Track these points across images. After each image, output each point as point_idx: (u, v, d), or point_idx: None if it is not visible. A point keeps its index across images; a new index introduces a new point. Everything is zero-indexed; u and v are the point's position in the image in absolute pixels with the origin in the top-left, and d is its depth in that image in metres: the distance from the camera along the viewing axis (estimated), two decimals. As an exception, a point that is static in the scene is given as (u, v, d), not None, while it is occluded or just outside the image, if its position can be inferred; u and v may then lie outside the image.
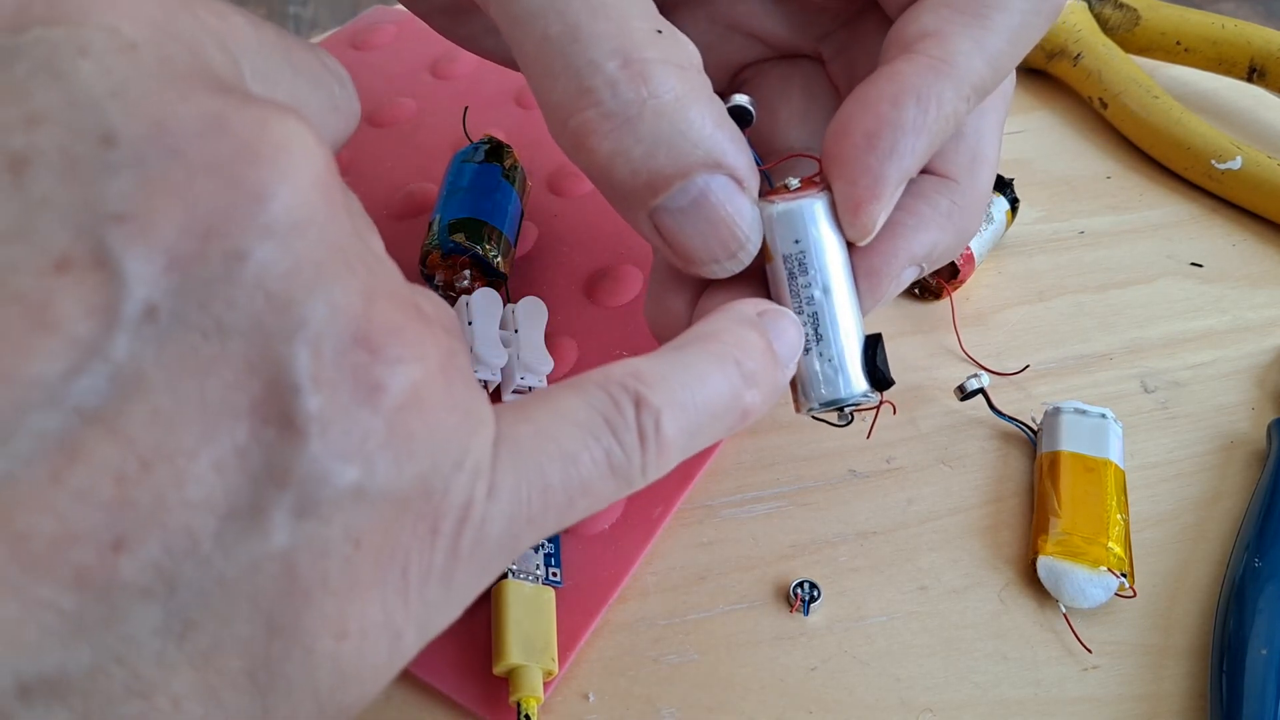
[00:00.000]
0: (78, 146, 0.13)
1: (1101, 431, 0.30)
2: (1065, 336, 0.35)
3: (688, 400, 0.19)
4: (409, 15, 0.47)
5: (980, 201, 0.26)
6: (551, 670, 0.25)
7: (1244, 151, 0.39)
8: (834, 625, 0.28)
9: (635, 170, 0.22)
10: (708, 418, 0.20)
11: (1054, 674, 0.27)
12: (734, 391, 0.20)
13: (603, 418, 0.18)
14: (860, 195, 0.23)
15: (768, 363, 0.21)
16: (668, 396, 0.19)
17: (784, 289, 0.24)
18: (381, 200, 0.38)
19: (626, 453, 0.18)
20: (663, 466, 0.19)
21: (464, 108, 0.40)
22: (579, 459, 0.18)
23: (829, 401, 0.24)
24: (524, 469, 0.17)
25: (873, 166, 0.23)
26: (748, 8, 0.28)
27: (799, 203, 0.24)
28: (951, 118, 0.23)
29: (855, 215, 0.23)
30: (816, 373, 0.24)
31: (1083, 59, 0.43)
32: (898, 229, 0.25)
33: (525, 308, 0.31)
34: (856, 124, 0.23)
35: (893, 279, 0.25)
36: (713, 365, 0.20)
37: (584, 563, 0.28)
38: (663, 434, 0.19)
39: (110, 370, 0.13)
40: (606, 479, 0.18)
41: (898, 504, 0.30)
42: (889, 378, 0.24)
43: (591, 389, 0.19)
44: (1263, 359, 0.35)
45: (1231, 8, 0.64)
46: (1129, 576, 0.28)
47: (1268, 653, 0.26)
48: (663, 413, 0.19)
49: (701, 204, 0.22)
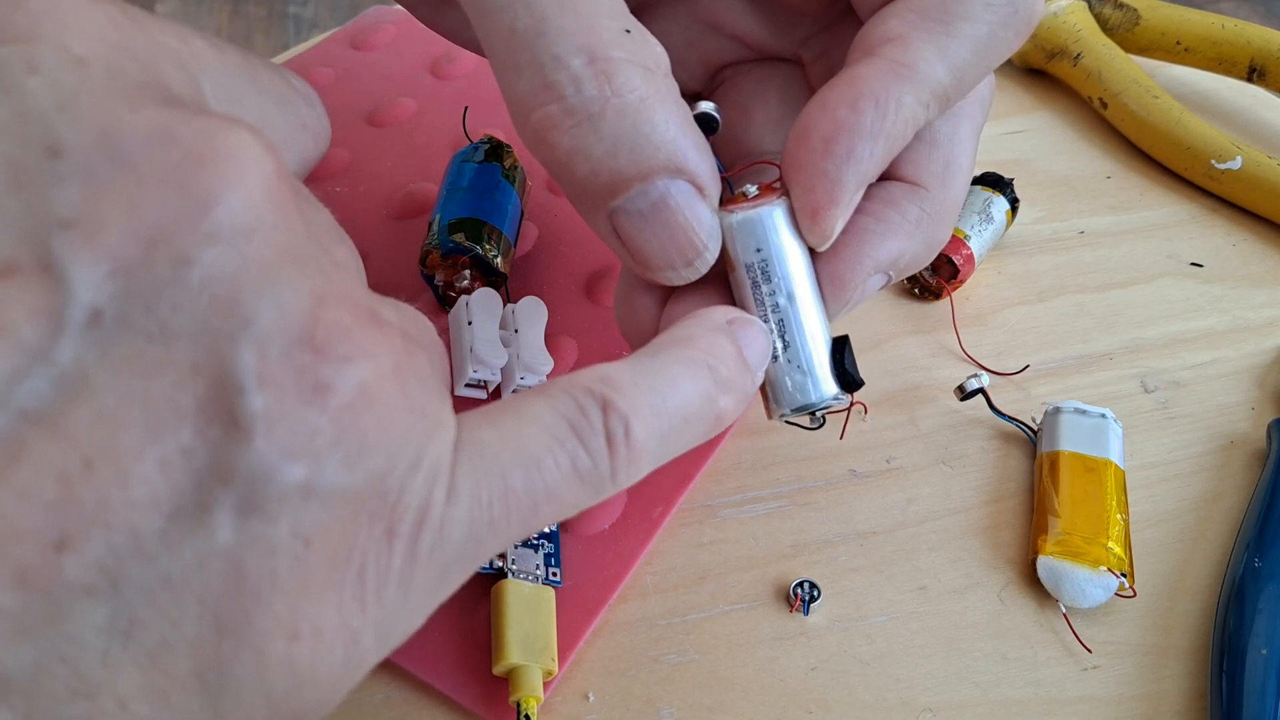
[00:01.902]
0: (25, 157, 0.14)
1: (1101, 431, 0.30)
2: (1065, 336, 0.35)
3: (659, 405, 0.19)
4: (409, 15, 0.47)
5: (952, 210, 0.26)
6: (551, 670, 0.25)
7: (1244, 151, 0.39)
8: (834, 625, 0.28)
9: (595, 169, 0.21)
10: (680, 422, 0.20)
11: (1054, 674, 0.27)
12: (707, 396, 0.20)
13: (569, 423, 0.18)
14: (818, 201, 0.23)
15: (739, 369, 0.21)
16: (638, 401, 0.19)
17: (748, 297, 0.24)
18: (381, 200, 0.38)
19: (593, 458, 0.18)
20: (634, 472, 0.19)
21: (464, 108, 0.40)
22: (543, 464, 0.18)
23: (800, 407, 0.24)
24: (485, 473, 0.17)
25: (829, 172, 0.22)
26: (728, 7, 0.27)
27: (757, 211, 0.23)
28: (910, 122, 0.23)
29: (814, 221, 0.23)
30: (786, 379, 0.24)
31: (1083, 59, 0.43)
32: (865, 236, 0.24)
33: (525, 308, 0.31)
34: (814, 128, 0.22)
35: (858, 286, 0.24)
36: (685, 370, 0.20)
37: (584, 563, 0.28)
38: (633, 439, 0.19)
39: (55, 373, 0.13)
40: (572, 484, 0.18)
41: (898, 504, 0.30)
42: (858, 379, 0.24)
43: (559, 394, 0.19)
44: (1263, 359, 0.35)
45: (1231, 8, 0.64)
46: (1129, 576, 0.28)
47: (1268, 653, 0.26)
48: (632, 417, 0.19)
49: (661, 209, 0.22)
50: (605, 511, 0.29)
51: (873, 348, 0.35)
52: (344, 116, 0.42)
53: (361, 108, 0.42)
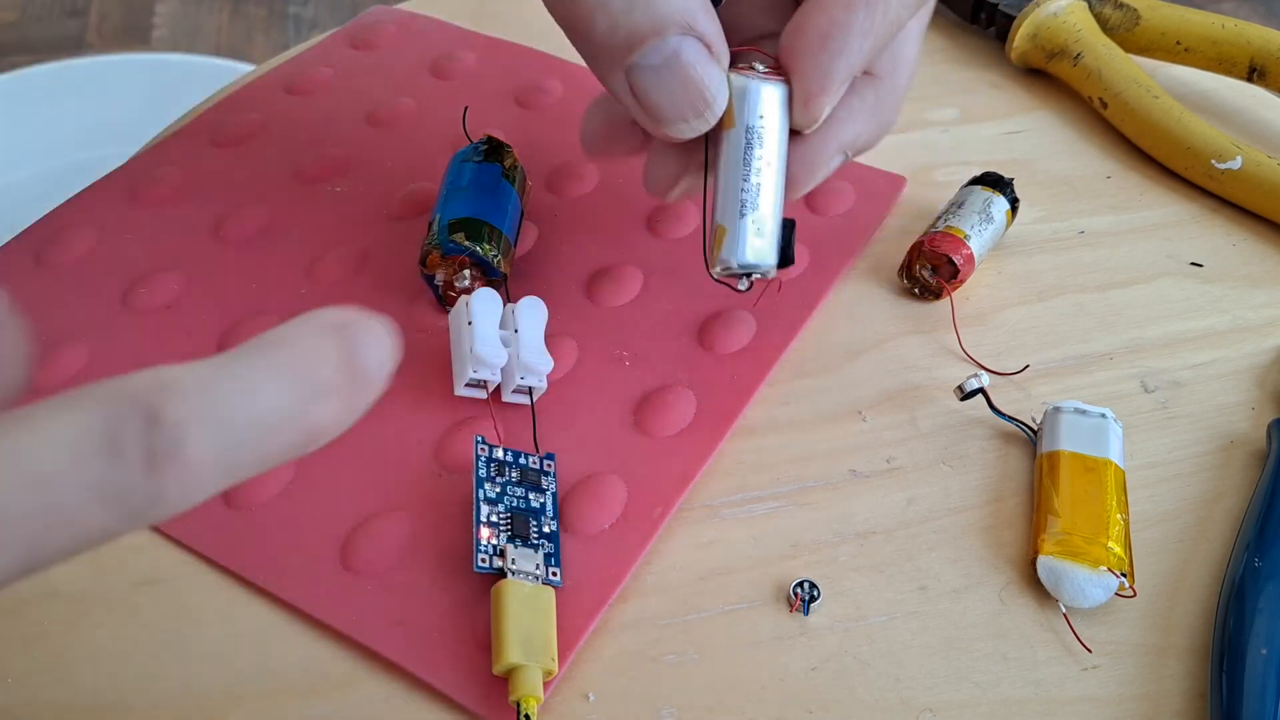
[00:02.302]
0: None
1: (1101, 431, 0.30)
2: (1065, 336, 0.35)
3: (229, 415, 0.17)
4: (409, 15, 0.47)
5: (899, 96, 0.30)
6: (551, 670, 0.25)
7: (1244, 151, 0.39)
8: (834, 625, 0.28)
9: (614, 24, 0.25)
10: (256, 433, 0.17)
11: (1054, 674, 0.27)
12: (295, 405, 0.18)
13: (97, 435, 0.16)
14: (813, 88, 0.27)
15: (346, 374, 0.19)
16: (201, 410, 0.17)
17: (739, 156, 0.27)
18: (381, 200, 0.38)
19: (125, 479, 0.16)
20: (191, 494, 0.17)
21: (464, 108, 0.40)
22: (52, 484, 0.16)
23: (751, 265, 0.28)
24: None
25: (824, 63, 0.26)
26: None
27: (773, 84, 0.27)
28: (895, 23, 0.27)
29: (807, 105, 0.27)
30: (746, 239, 0.28)
31: (1083, 59, 0.43)
32: (831, 121, 0.28)
33: (525, 308, 0.31)
34: (811, 24, 0.26)
35: (825, 165, 0.29)
36: (270, 375, 0.18)
37: (584, 563, 0.28)
38: (186, 454, 0.16)
39: None
40: (93, 509, 0.16)
41: (898, 504, 0.30)
42: (793, 258, 0.29)
43: (90, 402, 0.16)
44: (1263, 359, 0.35)
45: (1231, 8, 0.64)
46: (1129, 576, 0.28)
47: (1268, 653, 0.26)
48: (189, 430, 0.16)
49: (674, 63, 0.25)
50: (605, 511, 0.29)
51: (873, 347, 0.35)
52: (344, 116, 0.42)
53: (361, 108, 0.42)
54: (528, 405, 0.31)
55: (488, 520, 0.27)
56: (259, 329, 0.33)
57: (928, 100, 0.44)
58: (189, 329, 0.34)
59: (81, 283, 0.35)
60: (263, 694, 0.26)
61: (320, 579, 0.28)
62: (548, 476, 0.29)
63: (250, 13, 1.39)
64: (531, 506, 0.28)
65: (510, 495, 0.28)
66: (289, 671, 0.26)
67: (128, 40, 1.34)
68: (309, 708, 0.26)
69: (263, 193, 0.39)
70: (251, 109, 0.42)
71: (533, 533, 0.28)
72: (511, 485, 0.28)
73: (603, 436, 0.31)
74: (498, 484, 0.28)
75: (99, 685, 0.26)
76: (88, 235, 0.37)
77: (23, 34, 1.35)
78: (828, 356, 0.34)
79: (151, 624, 0.27)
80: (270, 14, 1.39)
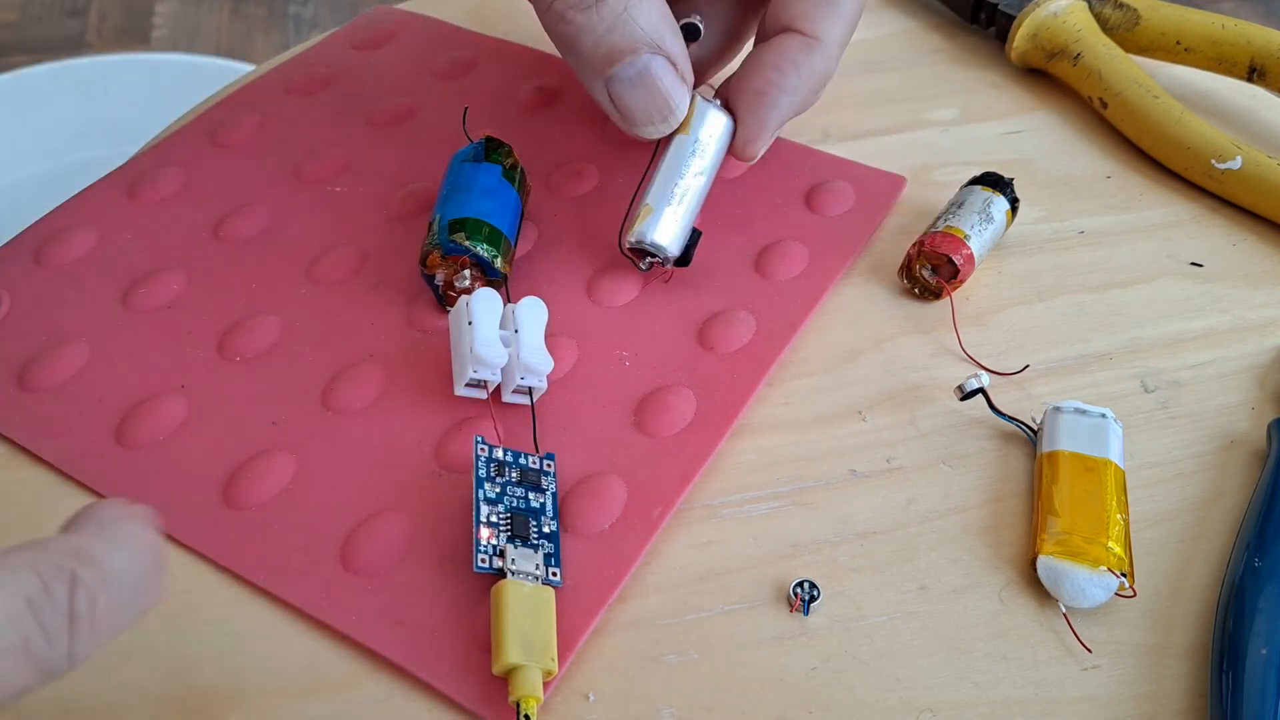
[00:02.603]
0: None
1: (1101, 431, 0.30)
2: (1065, 336, 0.35)
3: (120, 579, 0.19)
4: (409, 15, 0.47)
5: (838, 49, 0.34)
6: (551, 670, 0.25)
7: (1244, 151, 0.39)
8: (834, 625, 0.28)
9: (597, 42, 0.31)
10: (133, 595, 0.20)
11: (1054, 674, 0.27)
12: (152, 570, 0.20)
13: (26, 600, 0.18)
14: (750, 134, 0.34)
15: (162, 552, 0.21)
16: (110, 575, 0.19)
17: (683, 156, 0.33)
18: (381, 200, 0.38)
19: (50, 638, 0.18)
20: (93, 649, 0.19)
21: (464, 108, 0.40)
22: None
23: (660, 246, 0.33)
24: None
25: (760, 116, 0.33)
26: None
27: (725, 115, 0.34)
28: (822, 77, 0.34)
29: (744, 147, 0.34)
30: (663, 223, 0.33)
31: (1083, 59, 0.43)
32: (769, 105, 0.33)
33: (525, 308, 0.31)
34: (748, 85, 0.33)
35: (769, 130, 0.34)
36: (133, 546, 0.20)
37: (584, 563, 0.28)
38: (98, 614, 0.18)
39: None
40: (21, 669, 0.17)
41: (898, 504, 0.30)
42: (689, 261, 0.34)
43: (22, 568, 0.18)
44: (1263, 359, 0.35)
45: (1231, 8, 0.64)
46: (1129, 576, 0.28)
47: (1268, 653, 0.26)
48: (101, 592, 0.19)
49: (645, 76, 0.31)
50: (605, 511, 0.29)
51: (872, 347, 0.35)
52: (344, 116, 0.42)
53: (361, 108, 0.42)
54: (528, 405, 0.31)
55: (488, 520, 0.27)
56: (259, 329, 0.34)
57: (928, 100, 0.44)
58: (189, 329, 0.34)
59: (81, 282, 0.35)
60: (263, 694, 0.26)
61: (320, 579, 0.28)
62: (548, 476, 0.29)
63: (250, 13, 1.39)
64: (531, 506, 0.28)
65: (510, 495, 0.28)
66: (289, 671, 0.26)
67: (128, 40, 1.34)
68: (309, 708, 0.26)
69: (263, 193, 0.39)
70: (251, 109, 0.42)
71: (533, 533, 0.28)
72: (511, 485, 0.28)
73: (603, 436, 0.31)
74: (498, 484, 0.28)
75: (99, 685, 0.26)
76: (87, 235, 0.37)
77: (23, 34, 1.35)
78: (828, 356, 0.34)
79: (151, 624, 0.27)
80: (270, 14, 1.39)
